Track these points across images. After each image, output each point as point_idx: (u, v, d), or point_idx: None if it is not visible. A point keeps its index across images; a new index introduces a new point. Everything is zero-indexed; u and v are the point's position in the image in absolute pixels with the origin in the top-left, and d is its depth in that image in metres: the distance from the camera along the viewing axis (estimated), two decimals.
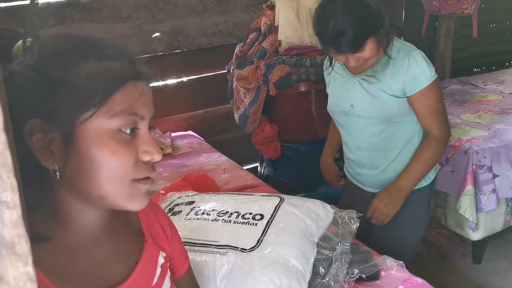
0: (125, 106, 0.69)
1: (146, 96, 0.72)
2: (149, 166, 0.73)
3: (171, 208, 1.60)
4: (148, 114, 0.72)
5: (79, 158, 0.67)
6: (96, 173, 0.68)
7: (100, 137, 0.68)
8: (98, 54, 0.69)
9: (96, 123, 0.67)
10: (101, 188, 0.69)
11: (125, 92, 0.69)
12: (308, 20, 1.93)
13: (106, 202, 0.72)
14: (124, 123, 0.69)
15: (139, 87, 0.71)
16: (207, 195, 1.66)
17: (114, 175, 0.69)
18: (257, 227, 1.41)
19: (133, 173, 0.70)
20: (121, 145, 0.69)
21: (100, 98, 0.67)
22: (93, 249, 0.77)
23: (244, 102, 2.78)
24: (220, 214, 1.48)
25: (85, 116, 0.66)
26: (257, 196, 1.61)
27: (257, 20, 2.85)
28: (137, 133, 0.72)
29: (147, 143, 0.72)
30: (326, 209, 1.55)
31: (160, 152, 0.73)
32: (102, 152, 0.68)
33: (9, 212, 0.40)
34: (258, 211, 1.47)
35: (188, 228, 1.45)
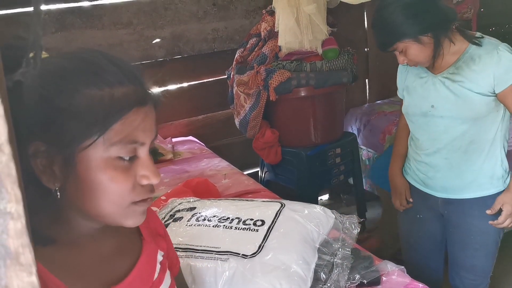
0: (124, 134, 0.69)
1: (148, 121, 0.72)
2: (147, 189, 0.74)
3: (172, 214, 1.60)
4: (149, 139, 0.72)
5: (78, 181, 0.69)
6: (94, 195, 0.70)
7: (99, 164, 0.69)
8: (100, 81, 0.68)
9: (96, 151, 0.68)
10: (98, 208, 0.71)
11: (126, 121, 0.69)
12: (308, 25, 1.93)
13: (103, 220, 0.74)
14: (123, 151, 0.69)
15: (141, 113, 0.71)
16: (208, 201, 1.66)
17: (111, 199, 0.71)
18: (258, 233, 1.41)
19: (131, 197, 0.72)
20: (119, 172, 0.70)
21: (100, 127, 0.67)
22: (96, 248, 0.80)
23: (244, 107, 2.78)
24: (221, 220, 1.49)
25: (85, 144, 0.67)
26: (258, 201, 1.61)
27: (257, 26, 2.85)
28: (137, 158, 0.72)
29: (145, 167, 0.72)
30: (327, 214, 1.55)
31: (158, 175, 0.73)
32: (99, 178, 0.69)
33: (13, 222, 0.41)
34: (259, 217, 1.48)
35: (189, 234, 1.45)
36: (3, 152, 0.39)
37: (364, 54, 3.54)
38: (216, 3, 3.05)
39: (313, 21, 1.92)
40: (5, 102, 0.42)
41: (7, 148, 0.39)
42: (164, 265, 0.90)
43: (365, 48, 3.57)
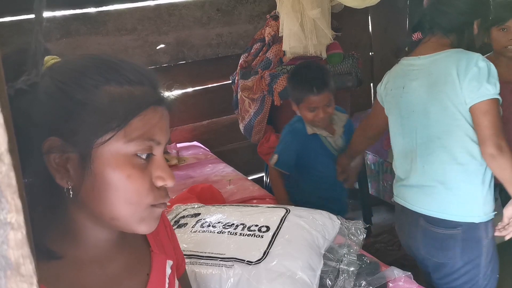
0: (143, 131, 0.69)
1: (164, 122, 0.73)
2: (162, 194, 0.73)
3: (176, 221, 1.59)
4: (164, 139, 0.73)
5: (94, 179, 0.68)
6: (110, 195, 0.68)
7: (116, 161, 0.68)
8: (121, 78, 0.69)
9: (114, 147, 0.68)
10: (114, 210, 0.70)
11: (145, 117, 0.69)
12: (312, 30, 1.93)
13: (117, 224, 0.72)
14: (141, 148, 0.69)
15: (158, 112, 0.71)
16: (213, 207, 1.65)
17: (128, 198, 0.69)
18: (263, 239, 1.40)
19: (150, 198, 0.71)
20: (136, 169, 0.69)
21: (119, 122, 0.67)
22: (105, 265, 0.77)
23: (249, 112, 2.79)
24: (226, 226, 1.47)
25: (103, 139, 0.67)
26: (263, 207, 1.60)
27: (261, 31, 2.86)
28: (152, 158, 0.72)
29: (161, 168, 0.72)
30: (333, 220, 1.54)
31: (174, 178, 0.73)
32: (117, 175, 0.68)
33: (14, 233, 0.40)
34: (264, 223, 1.46)
35: (194, 240, 1.44)
36: (3, 162, 0.39)
37: (369, 58, 3.53)
38: (220, 8, 3.06)
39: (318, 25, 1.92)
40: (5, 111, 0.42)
41: (7, 158, 0.39)
42: (172, 279, 0.88)
43: (370, 52, 3.56)
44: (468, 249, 1.64)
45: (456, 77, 1.54)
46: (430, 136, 1.63)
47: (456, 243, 1.64)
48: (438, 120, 1.61)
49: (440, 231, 1.65)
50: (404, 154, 1.75)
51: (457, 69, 1.54)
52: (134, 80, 0.70)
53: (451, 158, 1.60)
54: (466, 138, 1.57)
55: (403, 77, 1.71)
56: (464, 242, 1.63)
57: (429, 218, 1.67)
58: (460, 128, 1.57)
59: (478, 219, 1.60)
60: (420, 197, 1.69)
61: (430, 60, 1.64)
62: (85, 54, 0.73)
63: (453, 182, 1.61)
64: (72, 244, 0.73)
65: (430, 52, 1.64)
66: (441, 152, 1.61)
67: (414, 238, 1.75)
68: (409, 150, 1.72)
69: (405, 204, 1.75)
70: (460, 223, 1.61)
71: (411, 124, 1.69)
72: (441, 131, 1.60)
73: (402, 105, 1.71)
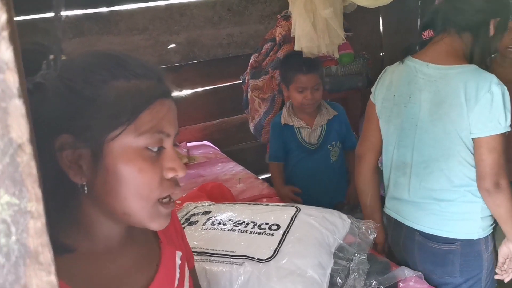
0: (152, 124, 0.70)
1: (172, 114, 0.73)
2: (172, 183, 0.74)
3: (187, 218, 1.60)
4: (173, 131, 0.73)
5: (106, 174, 0.69)
6: (122, 189, 0.69)
7: (128, 155, 0.69)
8: (127, 73, 0.70)
9: (124, 141, 0.68)
10: (126, 204, 0.70)
11: (153, 110, 0.70)
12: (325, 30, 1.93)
13: (129, 219, 0.73)
14: (151, 141, 0.70)
15: (166, 105, 0.72)
16: (223, 205, 1.66)
17: (139, 192, 0.70)
18: (273, 237, 1.40)
19: (159, 191, 0.71)
20: (147, 163, 0.70)
21: (129, 116, 0.68)
22: (116, 258, 0.79)
23: (259, 112, 2.79)
24: (237, 224, 1.48)
25: (114, 134, 0.68)
26: (273, 206, 1.61)
27: (272, 31, 2.86)
28: (162, 150, 0.72)
29: (172, 160, 0.72)
30: (343, 219, 1.54)
31: (185, 168, 0.74)
32: (129, 170, 0.69)
33: (33, 222, 0.41)
34: (275, 221, 1.47)
35: (204, 238, 1.45)
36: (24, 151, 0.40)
37: (379, 59, 3.51)
38: (231, 8, 3.06)
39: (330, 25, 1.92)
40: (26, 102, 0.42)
41: (28, 147, 0.40)
42: (183, 269, 0.89)
43: (380, 53, 3.55)
44: (468, 265, 1.57)
45: (464, 102, 1.42)
46: (430, 155, 1.54)
47: (455, 258, 1.57)
48: (438, 141, 1.51)
49: (437, 247, 1.58)
50: (397, 167, 1.65)
51: (466, 93, 1.42)
52: (141, 74, 0.71)
53: (448, 180, 1.52)
54: (465, 163, 1.49)
55: (410, 84, 1.57)
56: (463, 258, 1.57)
57: (426, 234, 1.60)
58: (459, 153, 1.49)
59: (476, 235, 1.54)
60: (416, 212, 1.62)
61: (440, 74, 1.50)
62: (91, 50, 0.75)
63: (449, 201, 1.54)
64: (85, 238, 0.74)
65: (441, 60, 1.51)
66: (439, 173, 1.53)
67: (410, 253, 1.67)
68: (403, 163, 1.61)
69: (399, 218, 1.67)
70: (458, 239, 1.55)
71: (410, 137, 1.58)
72: (440, 154, 1.52)
73: (404, 116, 1.58)
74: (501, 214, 1.47)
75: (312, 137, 2.19)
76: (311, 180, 2.20)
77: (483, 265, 1.58)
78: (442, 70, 1.50)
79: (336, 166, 2.25)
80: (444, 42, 1.53)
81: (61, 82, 0.67)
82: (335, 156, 2.23)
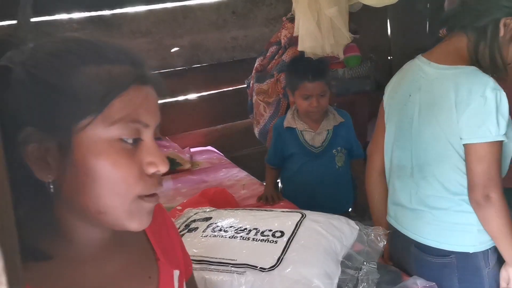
0: (125, 113, 0.63)
1: (150, 102, 0.67)
2: (155, 180, 0.67)
3: (187, 224, 1.53)
4: (153, 122, 0.66)
5: (76, 169, 0.62)
6: (95, 186, 0.62)
7: (99, 147, 0.62)
8: (97, 58, 0.64)
9: (94, 132, 0.62)
10: (99, 202, 0.63)
11: (126, 97, 0.63)
12: (330, 29, 1.86)
13: (104, 218, 0.65)
14: (125, 132, 0.63)
15: (142, 92, 0.65)
16: (225, 211, 1.59)
17: (114, 189, 0.63)
18: (277, 245, 1.33)
19: (139, 187, 0.64)
20: (122, 155, 0.63)
21: (98, 104, 0.61)
22: (101, 265, 0.71)
23: (264, 116, 2.74)
24: (238, 231, 1.41)
25: (82, 124, 0.61)
26: (277, 212, 1.54)
27: (277, 34, 2.82)
28: (141, 143, 0.66)
29: (151, 153, 0.66)
30: (351, 225, 1.46)
31: (167, 163, 0.66)
32: (100, 163, 0.62)
33: None
34: (278, 228, 1.40)
35: (204, 245, 1.38)
36: None
37: (387, 63, 3.45)
38: (235, 11, 3.02)
39: (335, 24, 1.85)
40: None
41: None
42: None
43: (388, 57, 3.49)
44: (466, 280, 1.45)
45: (453, 106, 1.33)
46: (425, 158, 1.45)
47: (452, 272, 1.45)
48: (429, 145, 1.42)
49: (432, 260, 1.47)
50: (395, 169, 1.56)
51: (457, 95, 1.32)
52: (113, 59, 0.64)
53: (442, 187, 1.42)
54: (457, 170, 1.39)
55: (411, 82, 1.49)
56: (461, 272, 1.44)
57: (421, 245, 1.49)
58: (451, 159, 1.38)
59: (472, 248, 1.42)
60: (412, 221, 1.51)
61: (437, 73, 1.41)
62: (62, 36, 0.68)
63: (443, 209, 1.43)
64: (63, 244, 0.67)
65: (442, 60, 1.42)
66: (432, 179, 1.43)
67: (408, 266, 1.56)
68: (400, 166, 1.53)
69: (397, 226, 1.57)
70: (452, 252, 1.43)
71: (407, 139, 1.49)
72: (432, 158, 1.42)
73: (402, 115, 1.50)
74: (492, 230, 1.36)
75: (316, 140, 2.12)
76: (315, 186, 2.13)
77: (484, 282, 1.44)
78: (439, 69, 1.41)
79: (342, 172, 2.18)
80: (451, 41, 1.44)
81: (24, 69, 0.61)
82: (341, 162, 2.16)
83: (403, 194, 1.53)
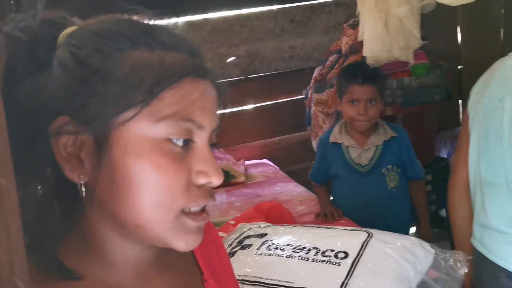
0: (177, 108, 0.52)
1: (208, 100, 0.56)
2: (205, 192, 0.55)
3: (240, 241, 1.42)
4: (209, 123, 0.55)
5: (112, 171, 0.52)
6: (132, 193, 0.52)
7: (141, 146, 0.51)
8: (150, 41, 0.54)
9: (138, 127, 0.51)
10: (137, 214, 0.52)
11: (179, 90, 0.53)
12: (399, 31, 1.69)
13: (144, 234, 0.54)
14: (175, 131, 0.52)
15: (199, 86, 0.55)
16: (282, 227, 1.47)
17: (155, 199, 0.52)
18: (340, 267, 1.19)
19: (184, 200, 0.53)
20: (168, 159, 0.52)
21: (145, 95, 0.51)
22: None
23: (322, 128, 2.62)
24: (296, 250, 1.29)
25: (125, 117, 0.51)
26: (340, 230, 1.39)
27: (337, 42, 2.71)
28: (192, 146, 0.55)
29: (204, 160, 0.54)
30: (426, 248, 1.29)
31: (221, 174, 0.55)
32: (140, 166, 0.51)
33: None
34: (342, 248, 1.25)
35: (258, 264, 1.26)
36: None
37: (457, 73, 3.22)
38: (294, 19, 2.94)
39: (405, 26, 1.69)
40: None
41: None
42: None
43: (458, 66, 3.26)
44: None
45: None
46: None
47: None
48: None
49: None
50: (481, 185, 1.36)
51: None
52: (168, 44, 0.55)
53: None
54: None
55: (501, 85, 1.31)
56: None
57: None
58: None
59: None
60: (503, 245, 1.30)
61: None
62: (111, 15, 0.58)
63: None
64: (95, 262, 0.56)
65: None
66: None
67: None
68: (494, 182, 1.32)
69: (484, 251, 1.36)
70: None
71: (497, 151, 1.29)
72: None
73: (490, 122, 1.32)
74: None
75: (363, 158, 1.91)
76: (365, 209, 1.90)
77: None
78: None
79: (396, 194, 1.93)
80: None
81: (67, 49, 0.53)
82: (394, 182, 1.92)
83: (494, 215, 1.32)
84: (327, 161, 2.00)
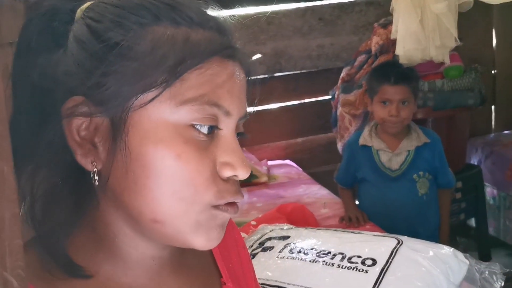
0: (202, 91, 0.47)
1: (236, 84, 0.51)
2: (232, 187, 0.50)
3: (261, 242, 1.38)
4: (236, 110, 0.50)
5: (128, 159, 0.47)
6: (150, 184, 0.47)
7: (161, 132, 0.47)
8: (175, 16, 0.49)
9: (158, 111, 0.47)
10: (156, 207, 0.47)
11: (205, 72, 0.48)
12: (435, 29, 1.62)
13: (162, 230, 0.49)
14: (199, 116, 0.47)
15: (227, 68, 0.50)
16: (305, 230, 1.42)
17: (176, 191, 0.47)
18: (368, 275, 1.14)
19: (209, 194, 0.48)
20: (191, 147, 0.47)
21: (168, 74, 0.46)
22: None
23: (349, 130, 2.55)
24: (321, 254, 1.25)
25: (145, 99, 0.46)
26: (367, 235, 1.33)
27: (367, 42, 2.65)
28: (218, 134, 0.50)
29: (230, 151, 0.49)
30: (459, 258, 1.23)
31: (248, 167, 0.50)
32: (160, 154, 0.46)
33: None
34: (369, 255, 1.20)
35: (280, 268, 1.22)
36: None
37: (491, 77, 3.12)
38: (322, 17, 2.88)
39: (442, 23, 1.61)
40: None
41: None
42: None
43: (492, 70, 3.15)
44: None
45: None
46: None
47: None
48: None
49: None
50: None
51: None
52: (195, 21, 0.49)
53: None
54: None
55: None
56: None
57: None
58: None
59: None
60: None
61: None
62: None
63: None
64: (106, 259, 0.51)
65: None
66: None
67: None
68: None
69: None
70: None
71: None
72: None
73: None
74: None
75: (393, 163, 1.86)
76: (392, 214, 1.85)
77: None
78: None
79: (426, 201, 1.87)
80: None
81: (85, 23, 0.48)
82: (424, 189, 1.87)
83: None
84: (355, 164, 1.95)
